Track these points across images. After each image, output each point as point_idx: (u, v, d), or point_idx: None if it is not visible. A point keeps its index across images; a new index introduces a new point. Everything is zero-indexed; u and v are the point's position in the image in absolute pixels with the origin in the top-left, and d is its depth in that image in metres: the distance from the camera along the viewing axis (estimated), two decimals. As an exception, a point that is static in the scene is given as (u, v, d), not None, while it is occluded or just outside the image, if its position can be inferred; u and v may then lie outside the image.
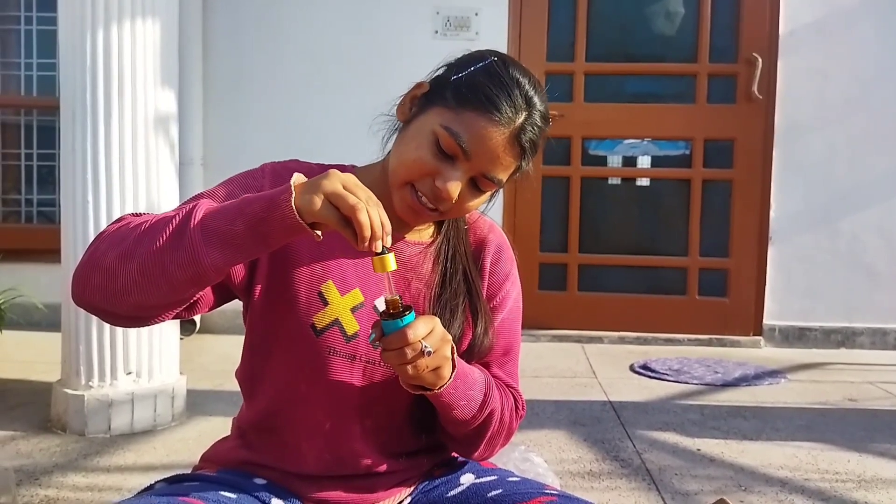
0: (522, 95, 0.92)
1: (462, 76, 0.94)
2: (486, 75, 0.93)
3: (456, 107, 0.92)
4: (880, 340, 3.66)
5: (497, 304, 1.04)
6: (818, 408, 2.65)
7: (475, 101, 0.91)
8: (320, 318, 0.94)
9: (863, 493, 1.89)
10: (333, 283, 0.96)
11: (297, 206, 0.79)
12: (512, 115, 0.91)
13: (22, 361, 3.05)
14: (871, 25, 3.62)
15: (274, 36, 3.74)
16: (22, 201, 4.00)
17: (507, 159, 0.92)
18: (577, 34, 3.77)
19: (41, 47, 3.94)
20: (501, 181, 0.95)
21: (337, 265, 0.97)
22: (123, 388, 2.25)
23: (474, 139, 0.91)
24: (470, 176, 0.93)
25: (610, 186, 3.86)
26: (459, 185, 0.93)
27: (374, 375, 0.96)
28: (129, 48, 2.19)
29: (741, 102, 3.70)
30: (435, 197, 0.93)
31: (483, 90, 0.92)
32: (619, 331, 3.73)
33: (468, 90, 0.92)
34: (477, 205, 0.97)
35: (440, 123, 0.92)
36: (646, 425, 2.41)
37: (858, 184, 3.66)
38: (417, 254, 1.02)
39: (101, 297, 0.85)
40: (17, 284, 3.09)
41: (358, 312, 0.96)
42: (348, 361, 0.95)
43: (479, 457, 1.02)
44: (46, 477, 1.92)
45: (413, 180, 0.93)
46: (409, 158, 0.93)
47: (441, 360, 0.87)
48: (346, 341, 0.95)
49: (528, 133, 0.92)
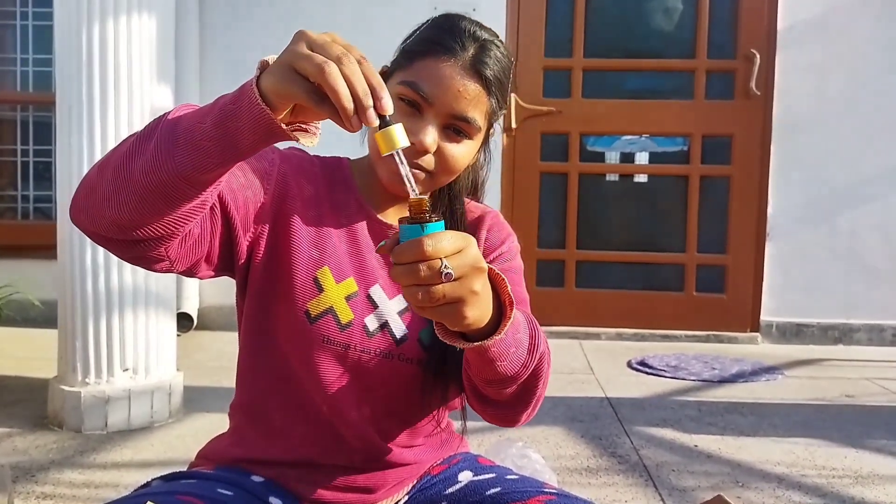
0: (468, 32, 0.92)
1: (408, 40, 0.96)
2: (432, 28, 0.95)
3: (408, 63, 0.92)
4: (877, 337, 3.67)
5: (495, 258, 1.02)
6: (815, 404, 2.65)
7: (422, 49, 0.92)
8: (315, 304, 0.93)
9: (859, 488, 1.89)
10: (329, 269, 0.94)
11: (262, 87, 0.67)
12: (459, 47, 0.91)
13: (18, 358, 3.04)
14: (869, 22, 3.61)
15: (271, 30, 3.72)
16: (18, 197, 3.99)
17: (471, 93, 0.90)
18: (575, 30, 3.76)
19: (37, 42, 3.92)
20: (475, 119, 0.92)
21: (333, 251, 0.95)
22: (120, 385, 2.24)
23: (429, 80, 0.90)
24: (442, 123, 0.91)
25: (608, 182, 3.86)
26: (433, 133, 0.91)
27: (369, 365, 0.94)
28: (126, 43, 2.18)
29: (739, 99, 3.70)
30: (416, 155, 0.90)
31: (428, 38, 0.93)
32: (616, 327, 3.74)
33: (415, 44, 0.94)
34: (466, 155, 0.94)
35: (397, 83, 0.92)
36: (643, 421, 2.41)
37: (856, 180, 3.66)
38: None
39: (84, 216, 0.79)
40: (14, 281, 3.08)
41: (352, 301, 0.94)
42: (342, 350, 0.93)
43: (525, 419, 0.91)
44: (43, 474, 1.92)
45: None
46: None
47: (465, 293, 0.66)
48: (339, 330, 0.93)
49: (484, 63, 0.91)
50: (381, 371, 0.95)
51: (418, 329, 0.96)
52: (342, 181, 1.01)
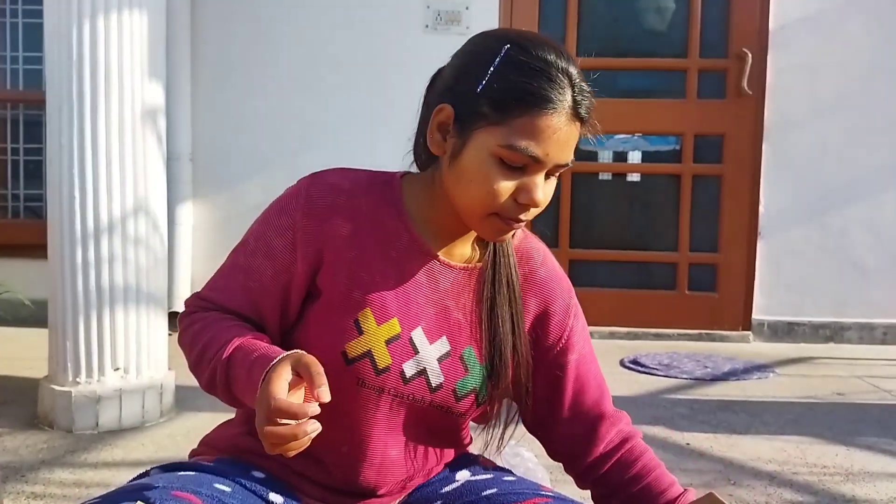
0: (559, 71, 0.85)
1: (488, 82, 0.85)
2: (515, 70, 0.84)
3: (502, 119, 0.84)
4: (868, 335, 3.69)
5: (564, 346, 1.00)
6: (806, 402, 2.67)
7: (520, 104, 0.83)
8: (353, 347, 0.90)
9: (850, 486, 1.90)
10: (371, 311, 0.91)
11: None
12: (561, 97, 0.84)
13: (8, 358, 3.02)
14: (860, 21, 3.63)
15: (264, 29, 3.71)
16: (8, 196, 3.96)
17: (573, 138, 0.88)
18: (567, 29, 3.76)
19: (27, 40, 3.89)
20: (573, 159, 0.90)
21: (377, 290, 0.92)
22: (111, 384, 2.23)
23: (540, 142, 0.84)
24: (545, 172, 0.88)
25: (600, 182, 3.86)
26: (543, 188, 0.88)
27: (400, 409, 0.93)
28: (116, 41, 2.17)
29: (731, 98, 3.71)
30: (525, 212, 0.88)
31: (521, 88, 0.84)
32: (608, 326, 3.74)
33: (506, 95, 0.84)
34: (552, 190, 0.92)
35: (497, 144, 0.84)
36: (635, 420, 2.38)
37: (848, 179, 3.67)
38: (460, 279, 0.96)
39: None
40: (4, 280, 3.06)
41: (392, 345, 0.91)
42: (375, 394, 0.91)
43: None
44: (33, 474, 1.91)
45: (495, 210, 0.87)
46: (483, 193, 0.86)
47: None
48: (375, 374, 0.91)
49: (582, 104, 0.86)
50: (409, 415, 0.94)
51: (455, 380, 0.94)
52: (392, 204, 0.95)
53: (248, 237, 0.96)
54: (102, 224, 2.19)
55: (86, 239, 2.19)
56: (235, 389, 0.87)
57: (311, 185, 0.94)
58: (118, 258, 2.21)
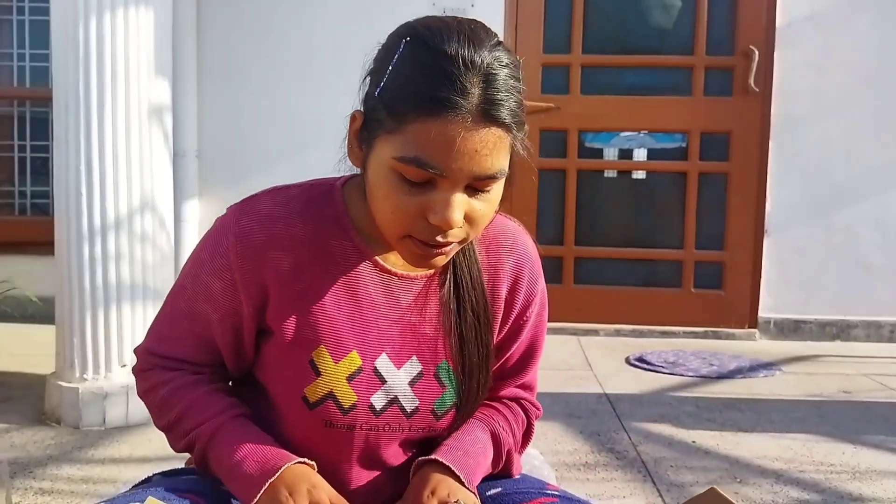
0: (463, 65, 0.71)
1: (383, 84, 0.75)
2: (409, 67, 0.73)
3: (397, 126, 0.73)
4: (875, 333, 3.67)
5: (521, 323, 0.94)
6: (813, 400, 2.66)
7: (413, 108, 0.72)
8: (312, 390, 0.84)
9: (857, 484, 1.89)
10: (326, 348, 0.84)
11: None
12: (463, 97, 0.71)
13: (16, 354, 3.03)
14: (867, 18, 3.61)
15: (270, 26, 3.71)
16: (15, 193, 3.98)
17: (490, 144, 0.72)
18: (573, 26, 3.75)
19: (34, 38, 3.91)
20: (501, 170, 0.75)
21: (330, 326, 0.84)
22: (118, 381, 2.24)
23: (437, 153, 0.71)
24: (462, 186, 0.75)
25: (606, 179, 3.86)
26: (457, 205, 0.74)
27: (377, 441, 0.88)
28: (123, 38, 2.18)
29: (738, 95, 3.69)
30: (439, 234, 0.76)
31: (412, 89, 0.72)
32: (614, 323, 3.73)
33: (398, 99, 0.73)
34: (496, 201, 0.79)
35: (392, 157, 0.73)
36: (641, 417, 2.41)
37: (854, 177, 3.66)
38: (422, 290, 0.88)
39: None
40: (11, 277, 3.07)
41: (355, 381, 0.85)
42: (346, 431, 0.86)
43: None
44: (41, 469, 1.92)
45: (407, 232, 0.77)
46: (387, 212, 0.77)
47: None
48: (342, 414, 0.85)
49: (497, 102, 0.72)
50: (389, 444, 0.89)
51: (432, 400, 0.88)
52: (334, 221, 0.86)
53: (185, 281, 0.90)
54: (109, 221, 2.20)
55: (92, 236, 2.20)
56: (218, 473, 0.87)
57: (241, 219, 0.84)
58: (125, 255, 2.22)
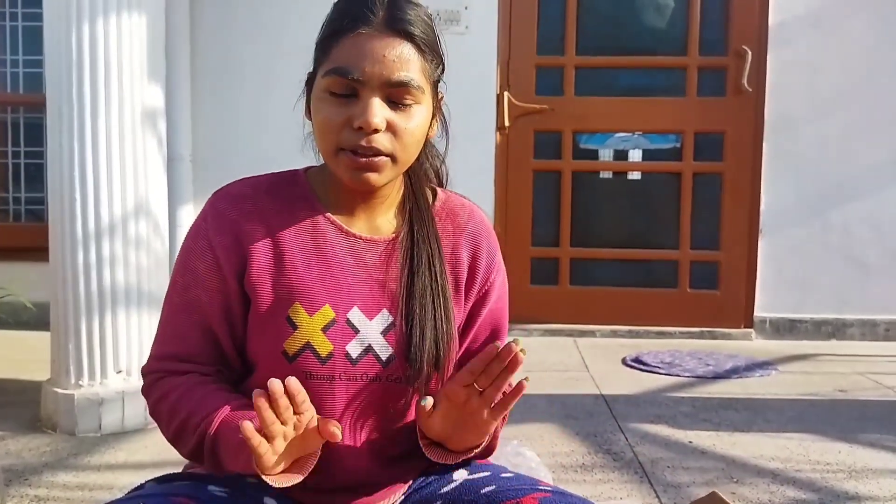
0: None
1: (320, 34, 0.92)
2: (334, 7, 0.92)
3: (325, 55, 0.89)
4: (870, 332, 3.68)
5: (483, 296, 1.00)
6: (809, 399, 2.66)
7: (333, 35, 0.88)
8: (290, 343, 0.91)
9: (853, 483, 1.90)
10: (301, 304, 0.92)
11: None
12: (369, 11, 0.87)
13: (11, 360, 3.03)
14: (861, 18, 3.62)
15: (263, 29, 3.71)
16: (10, 199, 3.97)
17: (398, 53, 0.86)
18: (567, 27, 3.76)
19: (27, 43, 3.90)
20: (412, 80, 0.87)
21: (303, 284, 0.92)
22: (114, 387, 2.24)
23: (350, 59, 0.86)
24: (380, 96, 0.87)
25: (601, 180, 3.86)
26: (376, 107, 0.86)
27: (357, 392, 0.93)
28: (116, 43, 2.17)
29: (731, 95, 3.70)
30: (363, 138, 0.87)
31: (330, 20, 0.90)
32: (610, 324, 3.74)
33: (324, 37, 0.90)
34: (420, 125, 0.90)
35: (321, 78, 0.89)
36: (638, 418, 2.41)
37: (849, 176, 3.67)
38: (384, 251, 0.96)
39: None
40: (6, 283, 3.06)
41: (330, 331, 0.92)
42: (327, 382, 0.92)
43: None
44: (36, 476, 1.91)
45: (338, 144, 0.89)
46: (324, 129, 0.90)
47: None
48: (321, 364, 0.91)
49: (401, 18, 0.87)
50: (370, 396, 0.93)
51: (406, 347, 0.93)
52: (302, 197, 0.97)
53: (175, 276, 0.96)
54: (103, 226, 2.20)
55: (87, 241, 2.19)
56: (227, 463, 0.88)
57: (217, 202, 0.95)
58: (119, 260, 2.22)
